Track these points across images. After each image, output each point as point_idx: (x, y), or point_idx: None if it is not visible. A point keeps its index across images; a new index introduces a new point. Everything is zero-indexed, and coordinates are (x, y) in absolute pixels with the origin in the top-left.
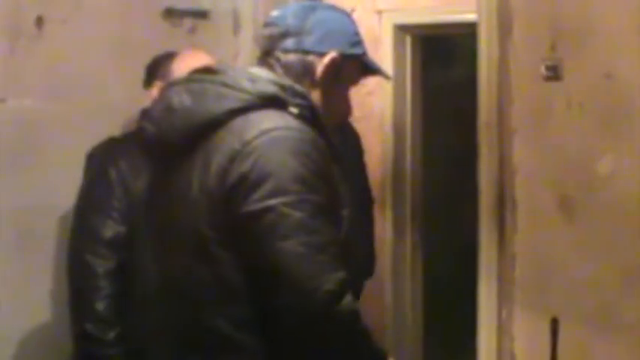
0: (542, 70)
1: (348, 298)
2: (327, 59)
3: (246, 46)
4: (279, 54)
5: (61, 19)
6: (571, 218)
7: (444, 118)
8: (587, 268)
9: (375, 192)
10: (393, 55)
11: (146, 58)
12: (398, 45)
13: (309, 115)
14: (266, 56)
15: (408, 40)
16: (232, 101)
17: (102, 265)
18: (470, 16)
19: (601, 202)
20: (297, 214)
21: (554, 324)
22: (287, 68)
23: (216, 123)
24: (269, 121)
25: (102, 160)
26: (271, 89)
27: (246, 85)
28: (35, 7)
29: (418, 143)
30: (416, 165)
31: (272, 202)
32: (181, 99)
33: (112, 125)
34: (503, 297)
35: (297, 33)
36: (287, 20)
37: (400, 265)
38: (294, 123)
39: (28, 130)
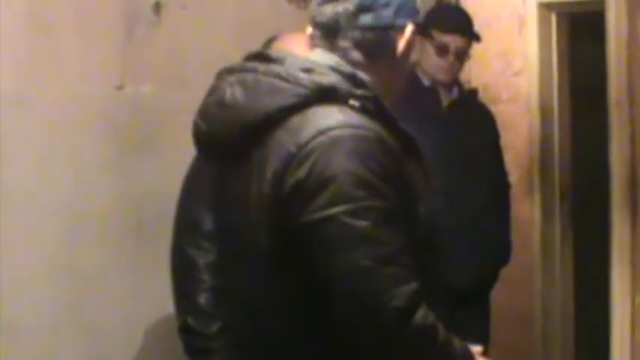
0: None
1: (420, 313)
2: (408, 33)
3: None
4: (354, 33)
5: (180, 4)
6: None
7: (592, 98)
8: None
9: (523, 175)
10: (539, 35)
11: None
12: (543, 24)
13: (373, 108)
14: (334, 38)
15: (554, 18)
16: (287, 97)
17: (203, 257)
18: None
19: None
20: (360, 224)
21: None
22: (365, 48)
23: (271, 121)
24: (327, 118)
25: None
26: (328, 80)
27: (302, 76)
28: None
29: (566, 124)
30: (564, 146)
31: (332, 211)
32: (234, 93)
33: None
34: (637, 283)
35: (373, 7)
36: None
37: (549, 250)
38: (355, 119)
39: (146, 117)
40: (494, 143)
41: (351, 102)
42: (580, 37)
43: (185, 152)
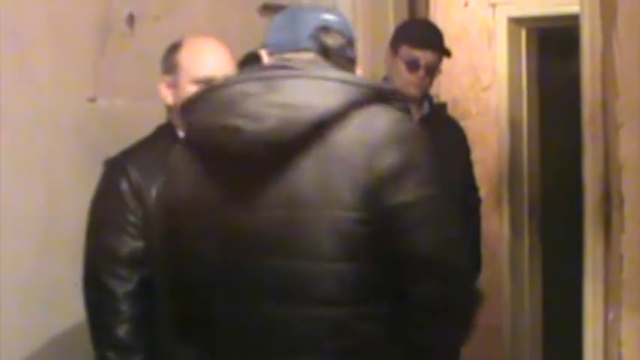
0: None
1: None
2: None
3: None
4: (342, 62)
5: (153, 16)
6: None
7: (561, 113)
8: None
9: (492, 189)
10: (508, 50)
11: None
12: (513, 39)
13: (408, 111)
14: (332, 60)
15: (523, 33)
16: (350, 95)
17: (121, 286)
18: None
19: None
20: (446, 204)
21: None
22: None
23: (337, 117)
24: (393, 113)
25: (110, 170)
26: (384, 85)
27: (359, 80)
28: (127, 5)
29: (535, 138)
30: (533, 161)
31: (426, 191)
32: (288, 94)
33: None
34: (610, 299)
35: (353, 43)
36: (347, 29)
37: (518, 264)
38: (407, 117)
39: (119, 129)
40: (465, 158)
41: (397, 104)
42: (549, 52)
43: None
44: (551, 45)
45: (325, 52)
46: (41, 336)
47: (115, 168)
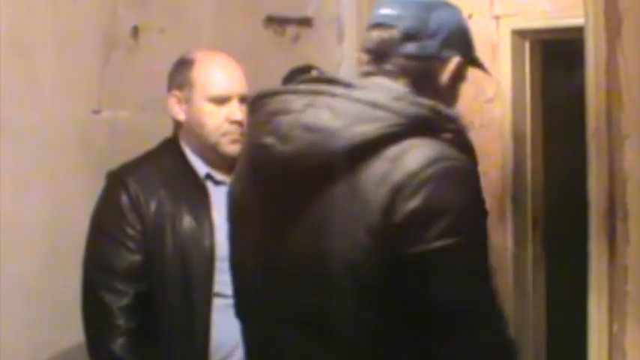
0: None
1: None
2: (453, 66)
3: (350, 55)
4: (399, 60)
5: (157, 28)
6: None
7: (565, 126)
8: None
9: (495, 201)
10: (512, 62)
11: (247, 68)
12: (516, 51)
13: (460, 141)
14: (380, 61)
15: (527, 45)
16: (385, 125)
17: (117, 300)
18: None
19: None
20: (472, 256)
21: None
22: (409, 75)
23: (367, 149)
24: (429, 149)
25: (110, 183)
26: (425, 113)
27: (396, 105)
28: (131, 17)
29: (539, 151)
30: (536, 173)
31: (448, 242)
32: (321, 116)
33: None
34: (615, 311)
35: (419, 37)
36: (406, 21)
37: (522, 276)
38: (452, 152)
39: (123, 141)
40: None
41: (445, 135)
42: (553, 64)
43: None
44: (556, 57)
45: (369, 54)
46: (46, 349)
47: (115, 181)
